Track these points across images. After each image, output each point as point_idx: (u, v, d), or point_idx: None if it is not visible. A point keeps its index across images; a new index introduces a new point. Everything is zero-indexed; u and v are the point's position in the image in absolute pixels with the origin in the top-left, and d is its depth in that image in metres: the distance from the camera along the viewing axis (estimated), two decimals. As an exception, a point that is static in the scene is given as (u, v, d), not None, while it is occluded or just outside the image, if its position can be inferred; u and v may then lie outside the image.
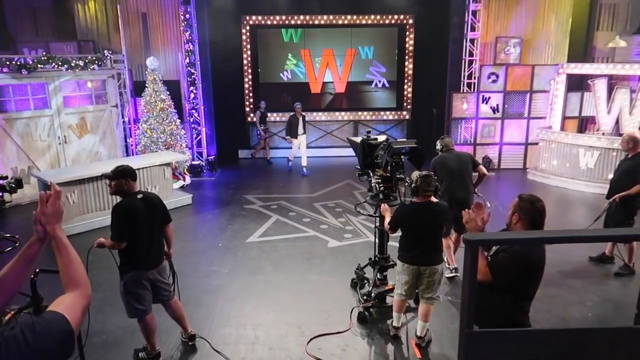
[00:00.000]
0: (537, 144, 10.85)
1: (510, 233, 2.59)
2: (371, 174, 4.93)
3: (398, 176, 4.78)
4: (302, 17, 12.14)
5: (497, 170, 11.22)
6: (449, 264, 5.85)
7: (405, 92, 12.82)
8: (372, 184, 4.83)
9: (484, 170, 5.87)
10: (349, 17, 12.22)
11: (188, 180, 10.26)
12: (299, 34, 12.39)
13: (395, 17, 12.30)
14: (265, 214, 8.38)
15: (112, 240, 3.96)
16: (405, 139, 5.25)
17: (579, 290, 5.63)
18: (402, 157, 4.78)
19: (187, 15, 10.43)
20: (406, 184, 4.47)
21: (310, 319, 5.04)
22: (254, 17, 12.15)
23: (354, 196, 9.22)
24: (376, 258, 5.23)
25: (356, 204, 6.88)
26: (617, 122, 9.57)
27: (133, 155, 10.33)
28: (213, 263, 6.46)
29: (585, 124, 10.77)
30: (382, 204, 4.79)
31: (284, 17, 12.15)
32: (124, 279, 4.09)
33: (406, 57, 12.60)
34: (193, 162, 10.83)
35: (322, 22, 12.27)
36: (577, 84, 10.88)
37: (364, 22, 12.33)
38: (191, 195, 9.10)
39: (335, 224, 7.93)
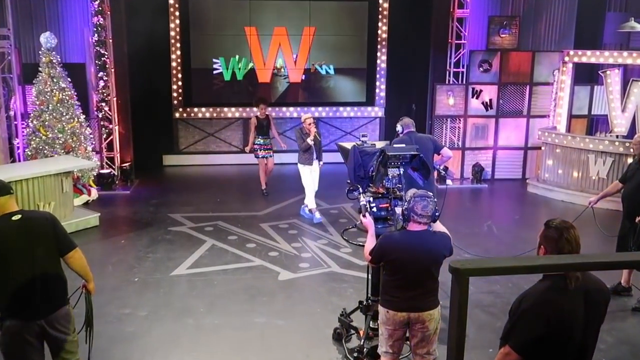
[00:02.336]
0: (539, 148, 11.20)
1: (505, 260, 2.62)
2: (361, 190, 4.88)
3: (396, 194, 4.70)
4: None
5: (490, 181, 11.50)
6: None
7: (378, 84, 13.00)
8: (362, 204, 4.68)
9: (449, 153, 7.16)
10: (306, -13, 12.32)
11: (94, 194, 10.02)
12: (244, 9, 12.38)
13: (365, -12, 12.51)
14: (198, 239, 8.26)
15: None
16: (403, 145, 5.27)
17: (591, 330, 5.78)
18: (400, 168, 4.77)
19: (96, -21, 10.24)
20: (404, 205, 4.35)
21: (255, 375, 4.97)
22: (184, -16, 12.06)
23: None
24: (369, 301, 5.16)
25: (343, 229, 6.86)
26: (633, 122, 9.99)
27: (20, 160, 10.03)
28: (127, 304, 6.29)
29: (596, 124, 11.20)
30: (363, 215, 4.64)
31: (223, -15, 12.12)
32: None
33: (379, 39, 12.79)
34: (102, 171, 10.58)
35: (273, -8, 12.32)
36: (586, 75, 11.32)
37: (325, -7, 12.47)
38: (98, 214, 8.89)
39: (288, 250, 7.89)
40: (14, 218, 3.92)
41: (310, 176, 9.02)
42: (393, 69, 12.83)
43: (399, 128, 7.14)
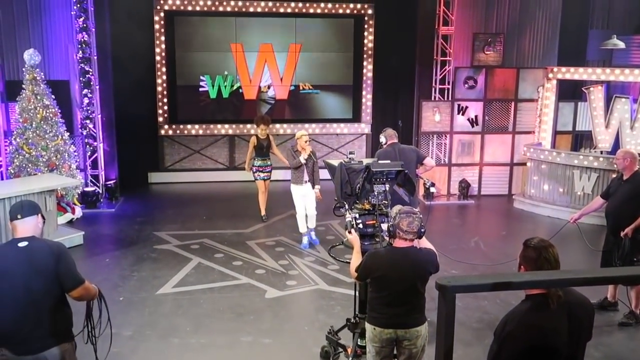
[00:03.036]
0: (524, 164, 11.32)
1: (491, 276, 2.64)
2: (347, 207, 4.89)
3: (382, 210, 4.72)
4: (232, 2, 12.22)
5: (477, 197, 11.58)
6: None
7: (364, 100, 13.09)
8: (347, 220, 4.70)
9: (432, 162, 7.54)
10: (292, 4, 12.42)
11: (79, 212, 9.95)
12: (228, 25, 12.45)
13: (351, 6, 12.63)
14: (183, 257, 8.23)
15: None
16: (389, 161, 5.31)
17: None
18: (386, 184, 4.79)
19: (81, -4, 10.25)
20: (390, 221, 4.36)
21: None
22: (170, 2, 12.11)
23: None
24: (356, 319, 5.16)
25: (330, 246, 6.88)
26: (617, 138, 10.15)
27: (2, 179, 9.97)
28: (112, 323, 6.21)
29: (580, 140, 11.36)
30: (349, 232, 4.66)
31: (209, 2, 12.18)
32: None
33: (365, 55, 12.91)
34: (86, 189, 10.52)
35: (259, 9, 12.39)
36: (570, 91, 11.50)
37: (311, 10, 12.56)
38: (82, 232, 8.84)
39: (275, 267, 7.88)
40: (20, 244, 3.76)
41: (301, 199, 8.57)
42: (379, 85, 12.93)
43: (382, 139, 7.33)
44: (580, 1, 11.82)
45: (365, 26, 12.80)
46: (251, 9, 12.35)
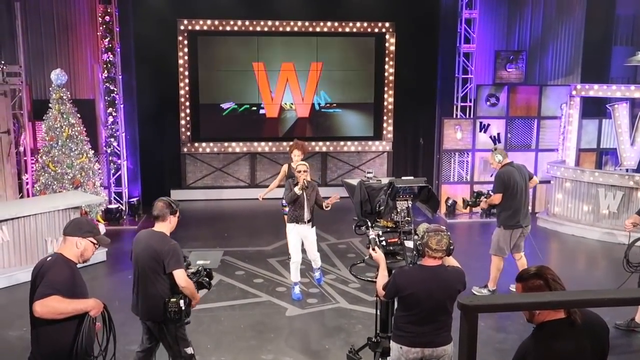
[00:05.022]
0: (548, 182, 11.20)
1: (513, 296, 2.62)
2: (370, 224, 4.90)
3: (405, 228, 4.72)
4: (254, 22, 12.38)
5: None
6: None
7: (385, 118, 13.11)
8: (371, 238, 4.68)
9: (537, 180, 7.90)
10: (314, 23, 12.54)
11: (102, 229, 10.03)
12: (251, 44, 12.60)
13: (372, 24, 12.71)
14: (205, 274, 8.25)
15: None
16: (412, 177, 5.31)
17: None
18: (410, 201, 4.79)
19: (107, 18, 10.47)
20: (416, 237, 4.34)
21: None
22: (193, 22, 12.31)
23: (321, 249, 9.19)
24: (377, 338, 5.10)
25: (351, 264, 6.84)
26: (643, 155, 10.02)
27: (29, 196, 10.10)
28: (134, 340, 6.21)
29: (605, 157, 11.21)
30: (372, 249, 4.63)
31: (232, 22, 12.35)
32: None
33: (385, 74, 12.94)
34: (110, 206, 10.64)
35: (281, 29, 12.53)
36: (594, 109, 11.38)
37: (333, 30, 12.67)
38: (106, 249, 8.88)
39: (297, 285, 7.86)
40: (47, 257, 4.00)
41: (296, 238, 7.28)
42: (400, 103, 12.93)
43: (499, 158, 7.42)
44: (603, 17, 11.75)
45: (386, 44, 12.86)
46: (273, 28, 12.49)
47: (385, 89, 13.01)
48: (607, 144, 11.09)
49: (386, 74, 12.94)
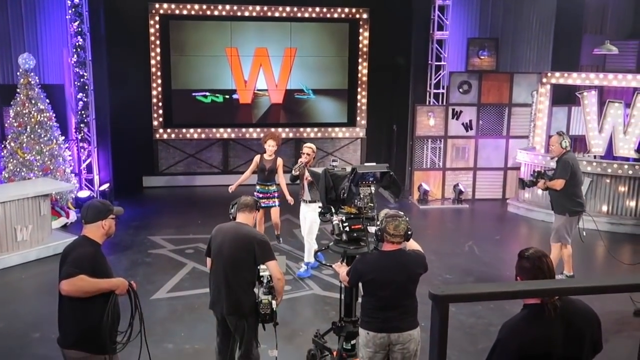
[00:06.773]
0: (518, 168, 11.37)
1: (483, 286, 2.66)
2: (334, 211, 4.93)
3: (369, 214, 4.74)
4: (228, 6, 12.24)
5: (471, 201, 11.62)
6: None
7: (359, 104, 13.13)
8: (335, 224, 4.75)
9: None
10: (287, 8, 12.45)
11: (73, 217, 9.93)
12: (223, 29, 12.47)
13: (347, 10, 12.67)
14: (178, 261, 8.24)
15: None
16: (374, 163, 5.32)
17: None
18: (372, 187, 4.81)
19: (76, 0, 10.25)
20: (377, 226, 4.39)
21: (237, 401, 4.93)
22: (165, 6, 12.12)
23: (295, 236, 9.22)
24: (342, 322, 5.15)
25: (316, 250, 6.86)
26: (610, 142, 10.22)
27: (-3, 183, 9.95)
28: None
29: (574, 144, 11.40)
30: (338, 264, 4.83)
31: (204, 7, 12.20)
32: None
33: (359, 59, 12.95)
34: (80, 193, 10.50)
35: (255, 14, 12.43)
36: (564, 96, 11.57)
37: (306, 15, 12.60)
38: (77, 237, 8.78)
39: (270, 272, 7.87)
40: (75, 239, 4.42)
41: (302, 217, 7.86)
42: (374, 89, 12.96)
43: (566, 143, 7.30)
44: (574, 6, 11.89)
45: (360, 30, 12.84)
46: (246, 13, 12.37)
47: (359, 75, 13.01)
48: (576, 131, 11.29)
49: (360, 59, 12.94)
